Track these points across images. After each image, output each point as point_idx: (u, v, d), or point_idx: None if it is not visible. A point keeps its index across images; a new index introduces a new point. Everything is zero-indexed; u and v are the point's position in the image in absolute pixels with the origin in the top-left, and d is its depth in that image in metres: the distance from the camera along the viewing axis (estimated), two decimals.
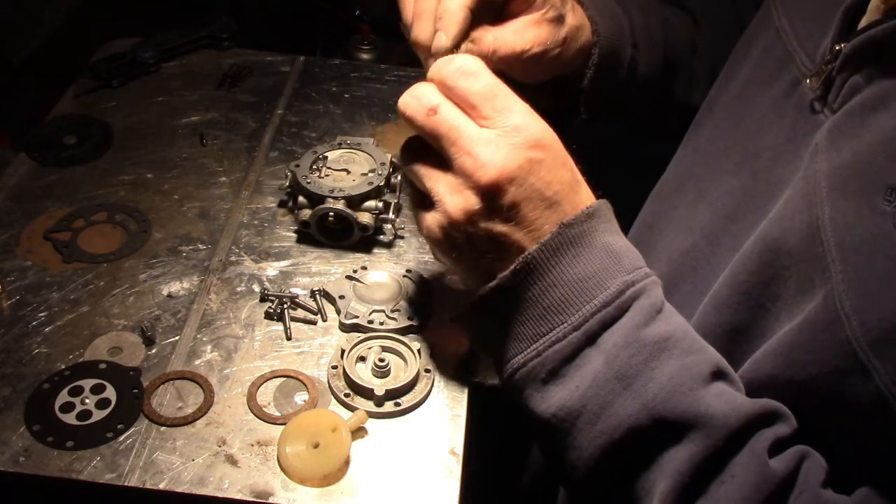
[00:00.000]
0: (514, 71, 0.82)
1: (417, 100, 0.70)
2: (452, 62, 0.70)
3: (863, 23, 0.68)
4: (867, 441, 0.62)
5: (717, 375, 0.65)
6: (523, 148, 0.67)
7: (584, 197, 0.71)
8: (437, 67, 0.71)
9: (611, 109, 0.98)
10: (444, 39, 0.76)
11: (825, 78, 0.69)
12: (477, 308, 0.72)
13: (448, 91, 0.70)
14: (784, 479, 0.61)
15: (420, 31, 0.77)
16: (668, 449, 0.63)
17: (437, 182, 0.70)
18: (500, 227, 0.69)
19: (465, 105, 0.69)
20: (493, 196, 0.67)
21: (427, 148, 0.71)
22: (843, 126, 0.66)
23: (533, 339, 0.69)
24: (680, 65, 1.02)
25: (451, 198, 0.69)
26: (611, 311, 0.67)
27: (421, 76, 1.27)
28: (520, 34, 0.82)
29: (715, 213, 0.79)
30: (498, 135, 0.67)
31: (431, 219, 0.71)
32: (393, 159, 0.99)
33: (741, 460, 0.62)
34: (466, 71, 0.69)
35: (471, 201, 0.68)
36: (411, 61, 1.05)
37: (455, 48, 0.76)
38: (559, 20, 0.84)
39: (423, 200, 0.73)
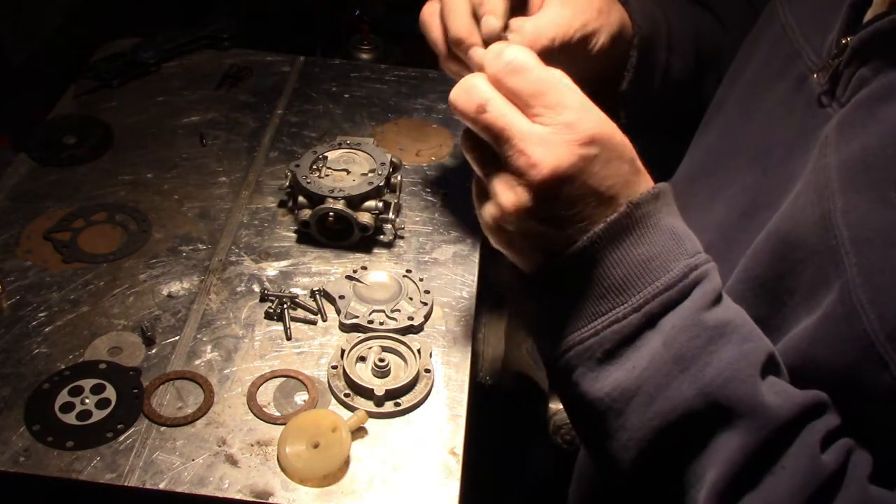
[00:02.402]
0: (558, 62, 0.82)
1: (468, 94, 0.68)
2: (501, 56, 0.67)
3: (868, 16, 0.69)
4: (891, 435, 0.62)
5: (771, 365, 0.65)
6: (576, 145, 0.65)
7: (643, 185, 0.69)
8: (487, 60, 0.68)
9: (647, 115, 0.98)
10: (493, 21, 0.74)
11: (832, 72, 0.70)
12: (536, 283, 0.70)
13: (499, 86, 0.67)
14: (834, 472, 0.61)
15: (458, 27, 0.77)
16: (721, 435, 0.63)
17: (493, 176, 0.68)
18: (552, 224, 0.67)
19: (516, 101, 0.67)
20: (546, 195, 0.66)
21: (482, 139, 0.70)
22: (852, 119, 0.66)
23: (592, 317, 0.68)
24: (710, 67, 1.02)
25: (505, 193, 0.67)
26: (673, 294, 0.66)
27: (420, 76, 1.28)
28: (554, 18, 0.81)
29: (730, 210, 0.79)
30: (551, 132, 0.65)
31: (486, 209, 0.70)
32: (393, 159, 0.99)
33: (793, 452, 0.62)
34: (515, 67, 0.66)
35: (523, 199, 0.66)
36: (411, 61, 1.05)
37: (504, 31, 0.76)
38: None
39: (481, 189, 0.72)
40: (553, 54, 0.81)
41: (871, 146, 0.63)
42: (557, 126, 0.65)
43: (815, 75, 0.72)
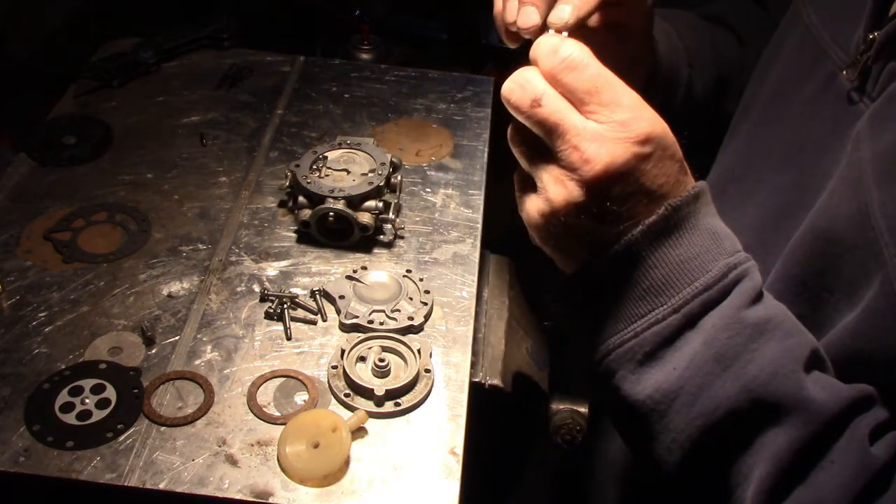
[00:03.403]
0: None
1: (522, 88, 0.68)
2: (557, 53, 0.67)
3: (894, 9, 0.68)
4: None
5: (815, 360, 0.65)
6: (630, 143, 0.65)
7: (689, 183, 0.69)
8: (542, 55, 0.68)
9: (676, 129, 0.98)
10: (567, 12, 0.72)
11: (861, 68, 0.70)
12: (575, 286, 0.70)
13: (553, 82, 0.67)
14: (885, 465, 0.61)
15: (510, 13, 0.74)
16: (767, 432, 0.63)
17: (542, 170, 0.68)
18: (601, 220, 0.68)
19: (570, 98, 0.67)
20: (598, 191, 0.66)
21: (532, 132, 0.69)
22: (884, 112, 0.66)
23: (631, 319, 0.68)
24: (731, 82, 1.02)
25: (555, 187, 0.67)
26: (713, 293, 0.66)
27: (420, 76, 1.27)
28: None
29: (764, 212, 0.79)
30: (605, 129, 0.65)
31: (532, 203, 0.70)
32: (393, 159, 0.99)
33: (841, 446, 0.61)
34: (571, 63, 0.66)
35: (574, 194, 0.66)
36: (411, 61, 1.04)
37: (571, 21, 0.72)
38: None
39: (525, 182, 0.71)
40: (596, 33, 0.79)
41: None
42: (612, 123, 0.65)
43: (843, 72, 0.72)
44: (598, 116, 0.65)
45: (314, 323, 0.88)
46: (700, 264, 0.67)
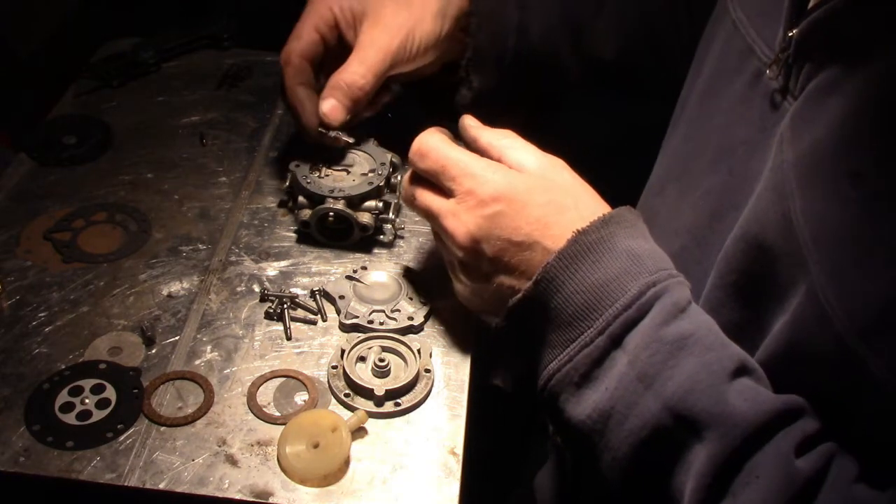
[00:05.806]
0: (402, 74, 0.85)
1: (403, 189, 0.83)
2: (413, 145, 0.79)
3: (811, 5, 0.66)
4: (883, 434, 0.60)
5: (742, 371, 0.64)
6: (478, 209, 0.74)
7: (574, 217, 0.73)
8: (410, 151, 0.81)
9: (513, 79, 0.98)
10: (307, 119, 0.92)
11: (783, 66, 0.68)
12: (508, 321, 0.74)
13: (420, 171, 0.80)
14: (811, 478, 0.60)
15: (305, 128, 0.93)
16: (691, 448, 0.63)
17: (438, 240, 0.81)
18: (489, 279, 0.76)
19: (431, 180, 0.79)
20: (471, 257, 0.76)
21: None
22: (803, 114, 0.65)
23: (564, 344, 0.70)
24: (585, 22, 1.01)
25: (445, 253, 0.80)
26: (632, 312, 0.67)
27: None
28: (361, 56, 0.88)
29: (698, 213, 0.78)
30: (456, 202, 0.76)
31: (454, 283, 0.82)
32: (393, 159, 0.99)
33: (764, 460, 0.61)
34: (418, 152, 0.79)
35: (455, 264, 0.79)
36: None
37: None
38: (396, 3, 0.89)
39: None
40: (384, 78, 0.90)
41: (821, 140, 0.61)
42: (461, 195, 0.75)
43: (768, 70, 0.71)
44: (452, 190, 0.76)
45: (314, 323, 0.88)
46: (620, 285, 0.68)
